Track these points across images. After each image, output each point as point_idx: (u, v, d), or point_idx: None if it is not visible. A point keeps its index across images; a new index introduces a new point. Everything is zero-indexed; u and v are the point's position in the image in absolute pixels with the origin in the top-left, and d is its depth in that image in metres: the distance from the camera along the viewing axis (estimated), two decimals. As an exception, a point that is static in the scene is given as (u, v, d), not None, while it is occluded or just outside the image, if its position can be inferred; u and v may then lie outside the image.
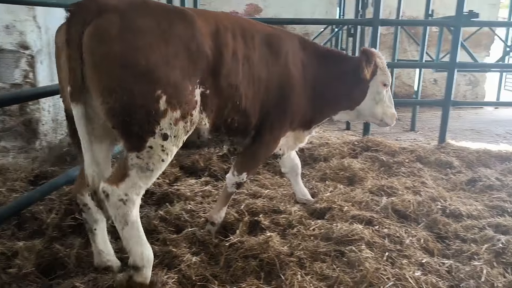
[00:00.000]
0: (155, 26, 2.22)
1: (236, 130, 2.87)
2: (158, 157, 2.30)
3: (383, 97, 3.38)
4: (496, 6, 8.25)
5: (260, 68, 2.82)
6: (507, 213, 3.51)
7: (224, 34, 2.59)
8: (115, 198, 2.25)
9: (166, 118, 2.25)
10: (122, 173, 2.28)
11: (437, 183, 4.32)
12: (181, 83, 2.29)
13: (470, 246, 2.91)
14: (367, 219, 3.31)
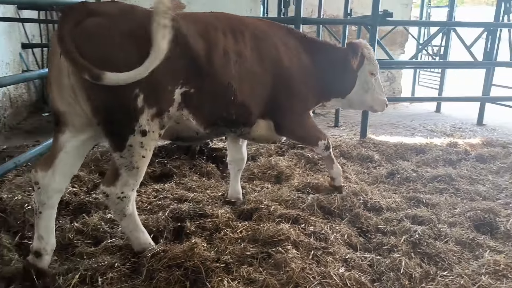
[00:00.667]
0: (136, 29, 2.37)
1: (236, 122, 3.06)
2: (138, 155, 2.53)
3: (371, 86, 3.63)
4: (408, 6, 8.79)
5: (253, 61, 3.00)
6: (423, 204, 3.71)
7: (214, 34, 2.76)
8: (113, 197, 2.58)
9: (143, 115, 2.46)
10: (115, 174, 2.58)
11: (359, 177, 4.47)
12: (160, 83, 2.48)
13: (390, 238, 3.03)
14: (294, 218, 3.32)
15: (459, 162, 5.03)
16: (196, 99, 2.72)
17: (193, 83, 2.66)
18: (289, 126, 3.40)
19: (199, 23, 2.74)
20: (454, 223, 3.36)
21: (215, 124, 2.97)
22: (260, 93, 3.11)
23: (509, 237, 3.20)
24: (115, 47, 2.34)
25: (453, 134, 6.40)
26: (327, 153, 3.68)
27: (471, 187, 4.23)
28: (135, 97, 2.40)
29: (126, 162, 2.54)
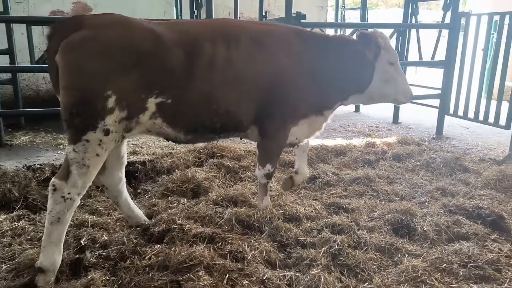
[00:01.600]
0: (120, 40, 2.60)
1: (222, 129, 3.07)
2: (93, 152, 2.57)
3: (392, 76, 3.35)
4: (324, 8, 8.94)
5: (247, 68, 2.97)
6: (343, 209, 3.63)
7: (201, 44, 2.81)
8: (59, 194, 2.55)
9: (112, 116, 2.58)
10: (66, 170, 2.58)
11: (281, 184, 4.33)
12: (134, 90, 2.62)
13: (309, 251, 2.87)
14: (210, 236, 3.07)
15: (377, 162, 5.09)
16: (173, 110, 2.78)
17: (170, 93, 2.74)
18: (269, 134, 3.25)
19: (182, 33, 2.83)
20: (373, 228, 3.30)
21: (196, 132, 3.00)
22: (253, 100, 3.06)
23: (426, 238, 3.20)
24: (96, 58, 2.54)
25: (371, 134, 6.53)
26: (264, 181, 3.44)
27: (389, 187, 4.26)
28: (106, 97, 2.54)
29: (78, 158, 2.57)
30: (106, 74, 2.55)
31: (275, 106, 3.15)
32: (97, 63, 2.54)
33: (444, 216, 3.49)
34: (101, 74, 2.54)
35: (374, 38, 3.29)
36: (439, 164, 4.85)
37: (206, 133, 3.05)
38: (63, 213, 2.57)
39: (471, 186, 4.27)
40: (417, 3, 6.91)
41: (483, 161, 5.10)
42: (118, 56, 2.58)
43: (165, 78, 2.70)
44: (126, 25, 2.71)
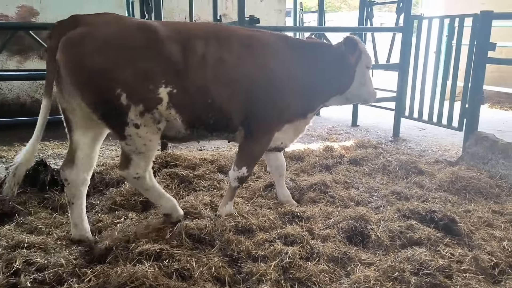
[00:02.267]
0: (116, 36, 2.76)
1: (215, 127, 3.21)
2: (139, 142, 2.89)
3: (367, 78, 3.63)
4: (282, 12, 8.91)
5: (237, 70, 3.11)
6: (297, 218, 3.54)
7: (193, 42, 2.98)
8: (130, 177, 3.05)
9: (131, 111, 2.79)
10: (127, 159, 2.98)
11: (237, 192, 4.20)
12: (140, 83, 2.79)
13: (260, 265, 2.75)
14: (156, 253, 2.90)
15: (334, 166, 5.05)
16: (180, 100, 2.95)
17: (175, 83, 2.91)
18: (253, 136, 3.34)
19: (178, 31, 3.02)
20: (327, 237, 3.22)
21: (193, 126, 3.14)
22: (242, 101, 3.17)
23: (379, 245, 3.15)
24: (92, 53, 2.70)
25: (329, 138, 6.52)
26: (235, 184, 3.49)
27: (345, 192, 4.21)
28: (118, 96, 2.75)
29: (133, 149, 2.95)
30: (109, 71, 2.73)
31: (260, 109, 3.25)
32: (99, 60, 2.72)
33: (398, 221, 3.46)
34: (104, 72, 2.73)
35: (357, 43, 3.49)
36: (395, 167, 4.87)
37: (201, 129, 3.20)
38: (144, 184, 3.14)
39: (425, 189, 4.29)
40: (371, 7, 6.97)
41: (438, 163, 5.17)
42: (116, 52, 2.75)
43: (165, 68, 2.87)
44: (119, 22, 2.91)
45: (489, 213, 3.70)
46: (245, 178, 3.47)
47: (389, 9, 25.01)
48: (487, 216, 3.62)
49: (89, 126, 2.98)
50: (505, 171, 4.56)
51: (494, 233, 3.28)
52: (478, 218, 3.57)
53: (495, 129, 7.26)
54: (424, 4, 12.78)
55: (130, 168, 3.00)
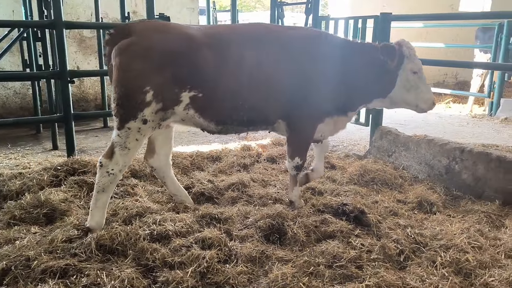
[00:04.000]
0: (156, 43, 3.11)
1: (250, 123, 3.46)
2: (133, 137, 3.13)
3: (414, 84, 3.53)
4: (195, 10, 8.78)
5: (272, 70, 3.32)
6: (215, 220, 3.49)
7: (227, 46, 3.23)
8: (104, 169, 3.19)
9: (150, 108, 3.09)
10: (111, 151, 3.18)
11: (153, 197, 4.04)
12: (168, 85, 3.11)
13: (176, 273, 2.66)
14: (62, 270, 2.68)
15: (252, 165, 5.09)
16: (204, 103, 3.23)
17: (201, 88, 3.19)
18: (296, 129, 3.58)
19: (214, 36, 3.27)
20: (245, 237, 3.21)
21: (225, 123, 3.39)
22: (277, 98, 3.39)
23: (296, 241, 3.21)
24: (138, 59, 3.06)
25: (247, 137, 6.55)
26: (293, 173, 3.74)
27: (263, 190, 4.25)
28: (145, 92, 3.05)
29: (121, 142, 3.15)
30: (145, 73, 3.06)
31: (299, 106, 3.46)
32: (139, 64, 3.06)
33: (313, 216, 3.56)
34: (141, 73, 3.05)
35: (399, 47, 3.48)
36: (310, 163, 5.01)
37: (235, 125, 3.44)
38: (107, 185, 3.21)
39: (338, 183, 4.48)
40: (282, 7, 7.13)
41: (348, 157, 5.43)
42: (155, 58, 3.09)
43: (196, 75, 3.16)
44: (164, 30, 3.25)
45: (394, 202, 3.96)
46: (300, 166, 3.71)
47: (301, 9, 25.95)
48: (392, 205, 3.86)
49: None
50: (406, 162, 4.93)
51: (399, 222, 3.50)
52: (385, 208, 3.80)
53: (398, 123, 7.83)
54: (331, 5, 13.42)
55: (112, 160, 3.17)
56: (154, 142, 3.64)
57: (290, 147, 3.70)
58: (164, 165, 3.73)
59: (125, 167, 3.28)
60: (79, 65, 8.00)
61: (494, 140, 6.63)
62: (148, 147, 3.71)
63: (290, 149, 3.69)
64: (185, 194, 3.85)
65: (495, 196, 4.00)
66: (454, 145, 4.46)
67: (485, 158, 4.13)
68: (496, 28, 8.51)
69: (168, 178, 3.78)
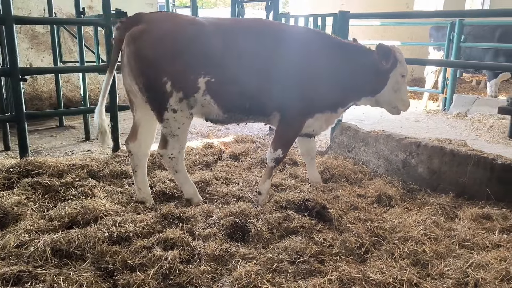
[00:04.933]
0: (168, 32, 3.33)
1: (251, 111, 3.67)
2: (175, 126, 3.48)
3: (400, 87, 3.80)
4: (154, 6, 8.59)
5: (269, 63, 3.52)
6: (178, 220, 3.43)
7: (232, 37, 3.44)
8: (166, 157, 3.64)
9: (172, 97, 3.36)
10: (165, 140, 3.60)
11: (112, 198, 3.92)
12: (183, 73, 3.33)
13: (138, 275, 2.60)
14: (16, 276, 2.55)
15: (215, 163, 5.05)
16: (216, 88, 3.43)
17: (213, 74, 3.39)
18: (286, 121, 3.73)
19: (218, 26, 3.47)
20: (208, 236, 3.18)
21: (231, 111, 3.61)
22: (272, 90, 3.57)
23: (259, 238, 3.21)
24: (151, 47, 3.25)
25: (209, 134, 6.51)
26: (272, 164, 3.86)
27: (226, 188, 4.23)
28: (164, 83, 3.29)
29: (168, 131, 3.50)
30: (160, 62, 3.26)
31: (292, 98, 3.62)
32: (152, 52, 3.25)
33: (276, 212, 3.57)
34: (156, 62, 3.26)
35: (393, 53, 3.69)
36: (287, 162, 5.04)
37: (238, 112, 3.66)
38: (176, 166, 3.68)
39: (300, 179, 4.52)
40: (242, 4, 7.11)
41: (310, 153, 5.48)
42: (167, 47, 3.27)
43: (207, 61, 3.35)
44: (175, 19, 3.48)
45: (355, 197, 4.04)
46: (280, 159, 3.85)
47: (261, 6, 25.99)
48: (353, 200, 3.94)
49: (147, 107, 3.48)
50: (366, 158, 5.05)
51: (359, 216, 3.58)
52: (346, 203, 3.87)
53: (358, 119, 8.02)
54: (291, 3, 13.52)
55: (168, 148, 3.56)
56: (138, 128, 3.70)
57: (276, 139, 3.84)
58: (142, 154, 3.75)
59: (183, 148, 3.62)
60: (32, 62, 7.65)
61: (448, 134, 6.92)
62: (131, 130, 3.76)
63: (276, 140, 3.83)
64: (148, 192, 3.84)
65: (449, 189, 4.17)
66: (410, 140, 4.60)
67: (440, 152, 4.30)
68: (449, 27, 8.85)
69: (140, 168, 3.78)
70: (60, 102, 6.69)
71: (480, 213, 3.53)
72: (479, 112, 8.15)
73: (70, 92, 8.05)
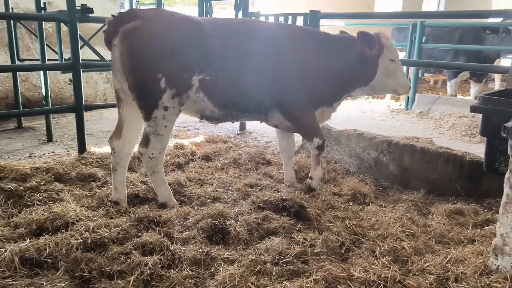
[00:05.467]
0: (165, 29, 3.28)
1: (247, 108, 3.72)
2: (161, 124, 3.41)
3: (393, 71, 3.81)
4: (117, 2, 8.32)
5: (265, 62, 3.59)
6: (154, 223, 3.31)
7: (228, 36, 3.51)
8: (145, 156, 3.53)
9: (166, 94, 3.31)
10: (147, 139, 3.48)
11: (81, 203, 3.74)
12: (178, 71, 3.32)
13: (117, 283, 2.48)
14: (-18, 290, 2.37)
15: (187, 164, 4.94)
16: (210, 85, 3.45)
17: (207, 72, 3.41)
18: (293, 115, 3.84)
19: (215, 26, 3.52)
20: (187, 239, 3.09)
21: (227, 107, 3.64)
22: (268, 87, 3.66)
23: (239, 240, 3.16)
24: (142, 44, 3.20)
25: (179, 135, 6.37)
26: (316, 152, 4.00)
27: (200, 189, 4.14)
28: (158, 80, 3.25)
29: (153, 130, 3.42)
30: (155, 59, 3.21)
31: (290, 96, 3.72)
32: (148, 49, 3.20)
33: (254, 213, 3.53)
34: (151, 59, 3.21)
35: (377, 39, 3.72)
36: (245, 159, 5.00)
37: (234, 109, 3.69)
38: (154, 167, 3.58)
39: (275, 179, 4.50)
40: (210, 2, 7.01)
41: (282, 153, 5.47)
42: (163, 44, 3.23)
43: (202, 59, 3.37)
44: (170, 16, 3.42)
45: (331, 195, 4.06)
46: (321, 145, 3.96)
47: (230, 5, 25.78)
48: (329, 198, 3.96)
49: (135, 105, 3.40)
50: (338, 156, 5.10)
51: (337, 214, 3.60)
52: (322, 202, 3.88)
53: (325, 118, 8.09)
54: (258, 2, 13.52)
55: (149, 147, 3.46)
56: (123, 125, 3.60)
57: (302, 134, 4.14)
58: (125, 153, 3.65)
59: (164, 148, 3.55)
60: (-14, 59, 7.21)
61: (413, 132, 7.11)
62: (116, 128, 3.67)
63: (304, 135, 4.11)
64: (125, 194, 3.72)
65: (420, 185, 4.28)
66: (382, 139, 4.69)
67: (411, 150, 4.40)
68: (410, 28, 9.13)
69: (120, 167, 3.66)
70: (18, 102, 6.35)
71: (453, 208, 3.63)
72: (440, 111, 8.44)
73: (29, 92, 7.64)
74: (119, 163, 3.66)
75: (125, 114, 3.60)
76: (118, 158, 3.64)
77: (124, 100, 3.55)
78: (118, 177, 3.67)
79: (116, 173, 3.67)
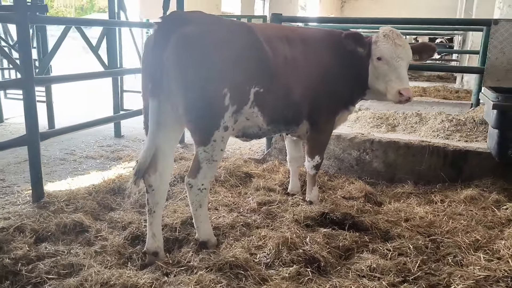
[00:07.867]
0: (224, 36, 2.85)
1: (291, 121, 3.47)
2: (218, 148, 2.91)
3: (382, 72, 3.38)
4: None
5: (305, 68, 3.36)
6: (236, 267, 2.77)
7: (275, 42, 3.18)
8: (195, 188, 2.96)
9: (228, 112, 2.86)
10: (196, 167, 2.93)
11: (103, 262, 2.86)
12: (242, 84, 2.91)
13: None
14: None
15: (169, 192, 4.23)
16: (263, 98, 3.09)
17: (263, 83, 3.06)
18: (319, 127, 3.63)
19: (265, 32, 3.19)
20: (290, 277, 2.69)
21: (276, 121, 3.32)
22: (308, 94, 3.40)
23: (331, 264, 2.92)
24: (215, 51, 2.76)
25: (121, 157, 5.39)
26: (313, 172, 3.81)
27: (221, 218, 3.62)
28: (223, 95, 2.80)
29: (208, 156, 2.90)
30: (222, 70, 2.78)
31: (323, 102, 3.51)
32: (216, 59, 2.76)
33: (309, 233, 3.29)
34: (218, 71, 2.77)
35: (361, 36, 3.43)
36: (226, 175, 4.58)
37: (280, 123, 3.39)
38: (203, 199, 3.03)
39: (277, 192, 4.24)
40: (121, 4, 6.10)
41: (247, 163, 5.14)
42: (229, 52, 2.82)
43: (260, 69, 3.00)
44: (223, 21, 3.01)
45: (346, 201, 4.05)
46: (319, 165, 3.79)
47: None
48: (351, 204, 3.94)
49: (175, 129, 2.99)
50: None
51: (379, 218, 3.63)
52: (348, 208, 3.83)
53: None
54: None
55: (198, 177, 2.94)
56: (158, 155, 2.89)
57: (311, 147, 3.75)
58: (163, 189, 2.98)
59: (213, 177, 3.30)
60: None
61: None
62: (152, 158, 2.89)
63: (311, 148, 3.74)
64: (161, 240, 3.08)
65: (406, 178, 4.65)
66: (363, 138, 4.90)
67: (394, 146, 4.73)
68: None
69: (159, 208, 2.99)
70: None
71: (467, 195, 4.03)
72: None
73: None
74: (158, 203, 2.97)
75: (162, 141, 2.90)
76: (158, 197, 2.95)
77: (163, 123, 2.86)
78: (156, 221, 3.00)
79: (155, 216, 2.99)
